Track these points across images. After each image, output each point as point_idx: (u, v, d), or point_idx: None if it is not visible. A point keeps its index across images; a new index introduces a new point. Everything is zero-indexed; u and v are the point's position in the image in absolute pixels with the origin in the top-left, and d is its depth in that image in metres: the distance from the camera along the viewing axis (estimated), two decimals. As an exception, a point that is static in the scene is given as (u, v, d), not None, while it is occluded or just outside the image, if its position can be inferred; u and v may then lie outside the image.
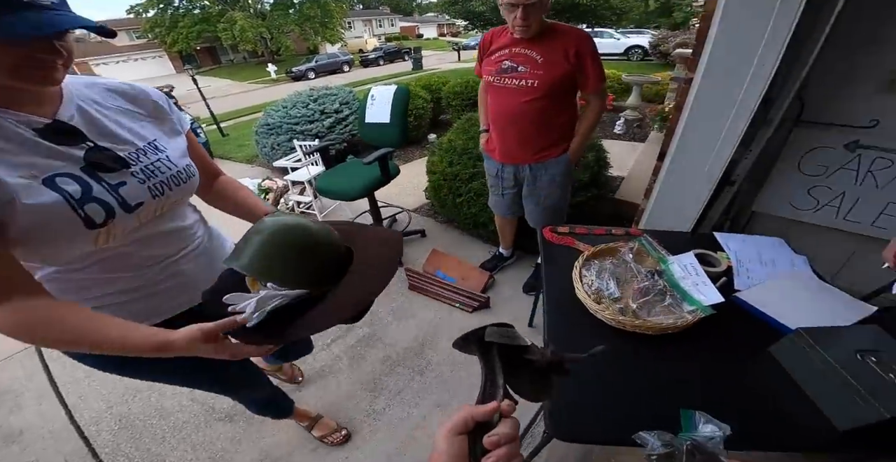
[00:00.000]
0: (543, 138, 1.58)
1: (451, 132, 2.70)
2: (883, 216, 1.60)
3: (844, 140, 1.56)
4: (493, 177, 1.83)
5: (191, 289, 0.80)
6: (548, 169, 1.66)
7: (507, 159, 1.69)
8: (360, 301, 0.62)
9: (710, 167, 1.47)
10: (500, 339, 0.44)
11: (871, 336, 0.74)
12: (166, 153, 0.72)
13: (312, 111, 4.01)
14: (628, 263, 1.08)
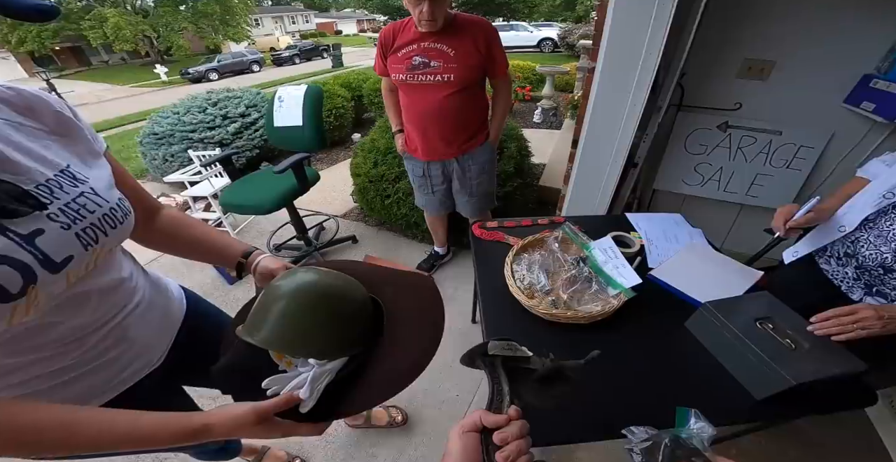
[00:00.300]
0: (466, 130, 1.58)
1: (373, 131, 2.60)
2: (754, 186, 1.88)
3: (717, 121, 1.80)
4: (419, 177, 1.78)
5: (144, 352, 0.67)
6: (475, 158, 1.66)
7: (434, 156, 1.65)
8: (416, 365, 0.57)
9: (616, 151, 1.58)
10: (503, 352, 0.48)
11: (765, 303, 0.84)
12: (89, 184, 0.53)
13: (212, 116, 3.57)
14: (555, 253, 1.10)
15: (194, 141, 3.43)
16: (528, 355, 0.50)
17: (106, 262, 0.59)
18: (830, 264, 0.97)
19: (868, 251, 0.86)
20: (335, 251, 2.64)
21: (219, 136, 3.51)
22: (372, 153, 2.45)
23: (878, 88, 1.41)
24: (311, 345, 0.55)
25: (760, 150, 1.79)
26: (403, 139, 1.71)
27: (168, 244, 0.76)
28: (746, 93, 1.71)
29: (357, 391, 0.56)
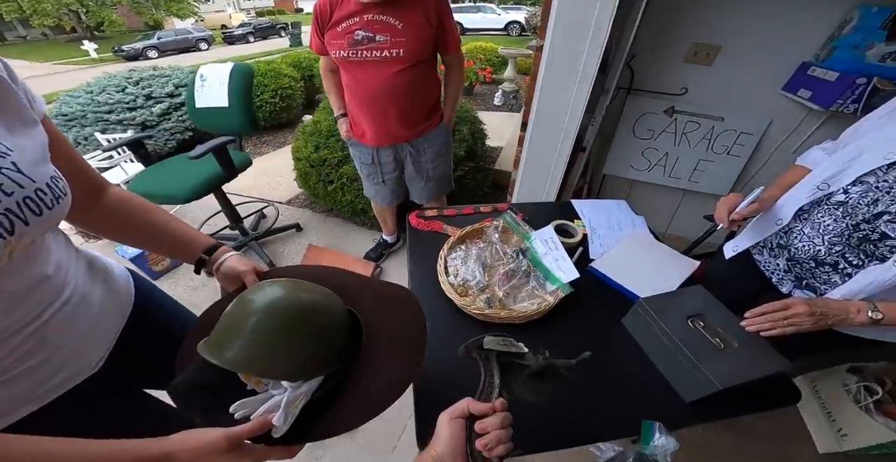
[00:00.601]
0: (419, 111, 1.46)
1: (317, 113, 2.42)
2: (696, 172, 1.90)
3: (664, 106, 1.78)
4: (367, 165, 1.63)
5: (75, 356, 0.57)
6: (430, 141, 1.55)
7: (384, 141, 1.51)
8: (398, 385, 0.53)
9: (565, 134, 1.52)
10: (498, 347, 0.52)
11: (698, 298, 0.81)
12: (10, 158, 0.43)
13: (133, 96, 3.19)
14: (494, 244, 1.02)
15: (111, 123, 3.06)
16: (523, 352, 0.53)
17: (26, 255, 0.48)
18: (763, 255, 0.96)
19: (801, 243, 0.84)
20: (276, 241, 2.45)
21: (141, 118, 3.15)
22: (314, 136, 2.28)
23: (815, 76, 1.43)
24: (286, 367, 0.50)
25: (703, 135, 1.80)
26: (348, 124, 1.55)
27: (116, 230, 0.66)
28: (693, 78, 1.70)
29: (334, 413, 0.53)
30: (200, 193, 1.84)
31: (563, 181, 1.67)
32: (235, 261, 0.70)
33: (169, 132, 3.27)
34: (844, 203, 0.77)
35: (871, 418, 1.20)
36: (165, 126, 3.26)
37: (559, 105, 1.45)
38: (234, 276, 0.70)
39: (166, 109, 3.29)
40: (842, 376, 1.34)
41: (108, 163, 2.47)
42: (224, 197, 2.14)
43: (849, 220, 0.75)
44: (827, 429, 1.33)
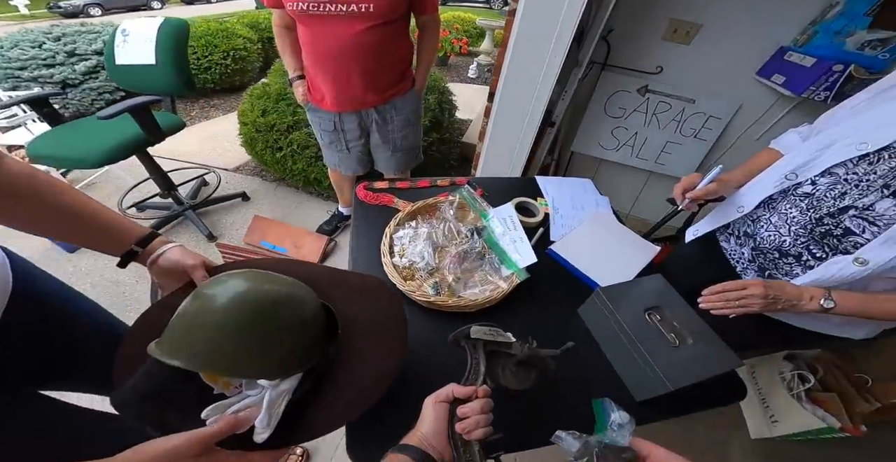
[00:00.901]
0: (388, 73, 1.31)
1: (269, 75, 2.23)
2: (663, 154, 1.86)
3: (638, 84, 1.71)
4: (329, 132, 1.46)
5: None
6: (398, 108, 1.41)
7: (347, 106, 1.34)
8: (386, 375, 0.53)
9: (534, 106, 1.43)
10: (485, 337, 0.56)
11: (657, 289, 0.75)
12: None
13: (51, 52, 2.84)
14: (448, 222, 0.91)
15: (24, 80, 2.74)
16: (510, 341, 0.57)
17: None
18: (730, 243, 0.93)
19: (767, 233, 0.80)
20: (219, 210, 2.23)
21: (61, 76, 2.83)
22: (262, 99, 2.10)
23: (791, 61, 1.38)
24: (262, 364, 0.46)
25: (673, 117, 1.76)
26: (305, 86, 1.37)
27: (10, 212, 0.51)
28: (669, 57, 1.63)
29: (317, 411, 0.50)
30: (116, 157, 1.61)
31: (529, 157, 1.59)
32: (179, 253, 0.60)
33: (96, 92, 2.99)
34: (811, 195, 0.73)
35: (800, 406, 1.25)
36: (91, 85, 2.97)
37: (530, 75, 1.35)
38: (177, 271, 0.60)
39: (93, 67, 2.98)
40: (778, 364, 1.39)
41: (9, 122, 2.16)
42: (151, 161, 1.92)
43: (812, 213, 0.72)
44: (760, 415, 1.38)
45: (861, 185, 0.66)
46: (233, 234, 2.07)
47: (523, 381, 0.57)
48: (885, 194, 0.63)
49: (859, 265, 0.62)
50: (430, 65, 1.46)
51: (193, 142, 2.84)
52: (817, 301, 0.67)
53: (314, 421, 0.49)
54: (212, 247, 1.98)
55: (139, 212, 2.14)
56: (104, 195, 2.26)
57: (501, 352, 0.58)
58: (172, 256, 0.59)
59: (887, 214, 0.62)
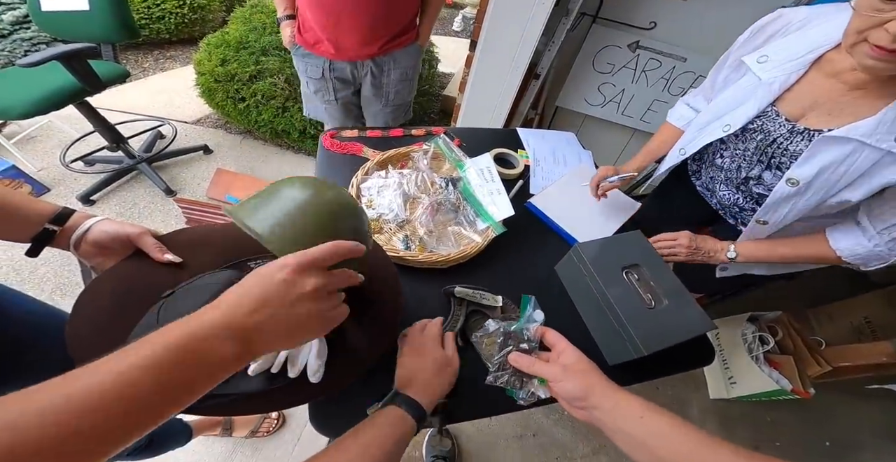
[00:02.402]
0: (394, 23, 1.19)
1: (230, 23, 2.03)
2: (648, 112, 1.80)
3: (629, 40, 1.60)
4: (316, 79, 1.33)
5: None
6: (397, 61, 1.30)
7: (342, 55, 1.22)
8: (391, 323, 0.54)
9: (518, 57, 1.34)
10: (468, 298, 0.64)
11: (637, 246, 0.72)
12: None
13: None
14: (422, 172, 0.84)
15: None
16: (493, 305, 0.65)
17: None
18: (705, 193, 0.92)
19: (721, 192, 0.84)
20: (178, 164, 2.07)
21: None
22: (220, 48, 1.91)
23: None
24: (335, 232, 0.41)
25: (662, 75, 1.68)
26: (294, 28, 1.22)
27: None
28: (664, 12, 1.52)
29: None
30: (44, 108, 1.47)
31: (512, 110, 1.50)
32: (115, 224, 0.51)
33: (28, 42, 2.62)
34: (721, 168, 0.81)
35: (759, 368, 1.31)
36: (23, 35, 2.60)
37: (514, 24, 1.26)
38: (115, 244, 0.51)
39: (24, 17, 2.59)
40: (741, 326, 1.43)
41: None
42: (93, 112, 1.73)
43: (730, 183, 0.81)
44: (720, 377, 1.45)
45: (748, 156, 0.73)
46: (194, 189, 1.94)
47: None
48: (763, 167, 0.71)
49: (792, 185, 0.64)
50: (435, 18, 1.33)
51: (147, 94, 2.60)
52: (724, 252, 0.78)
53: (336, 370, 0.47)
54: (170, 202, 1.85)
55: (87, 166, 1.95)
56: (46, 149, 2.04)
57: (482, 313, 0.64)
58: (108, 228, 0.50)
59: (774, 184, 0.68)
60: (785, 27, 0.66)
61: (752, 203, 0.78)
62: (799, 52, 0.62)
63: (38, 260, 1.55)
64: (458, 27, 4.47)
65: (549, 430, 1.32)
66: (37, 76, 1.49)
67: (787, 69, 0.63)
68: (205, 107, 2.27)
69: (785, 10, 0.68)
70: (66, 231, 0.49)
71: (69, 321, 0.45)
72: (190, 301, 0.43)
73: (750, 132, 0.70)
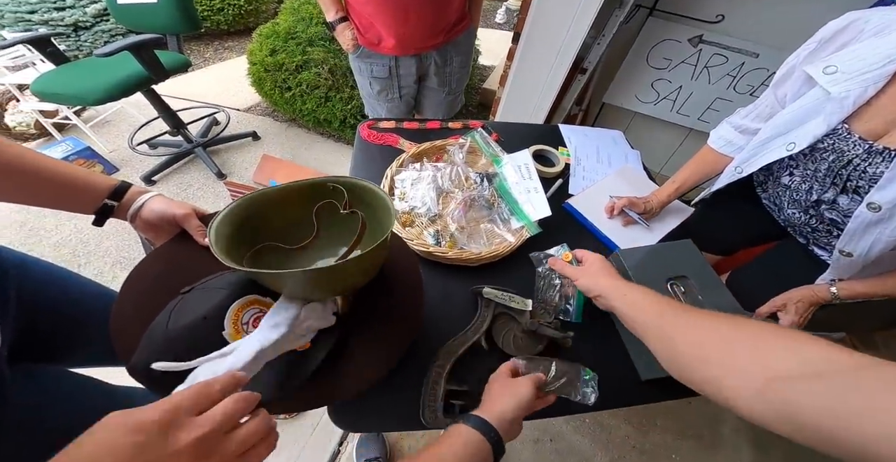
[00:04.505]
0: (453, 12, 1.18)
1: (280, 14, 2.08)
2: (709, 111, 1.67)
3: (691, 34, 1.49)
4: (383, 79, 1.30)
5: None
6: (458, 48, 1.30)
7: (409, 49, 1.20)
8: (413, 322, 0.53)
9: (563, 50, 1.28)
10: (496, 299, 0.62)
11: (685, 256, 0.67)
12: None
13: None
14: (457, 166, 0.83)
15: (35, 23, 2.59)
16: (522, 309, 0.61)
17: None
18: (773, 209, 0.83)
19: (790, 211, 0.75)
20: (229, 149, 2.19)
21: (72, 18, 2.65)
22: (271, 38, 1.98)
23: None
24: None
25: (728, 71, 1.54)
26: (353, 30, 1.19)
27: None
28: (733, 4, 1.39)
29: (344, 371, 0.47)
30: (116, 95, 1.60)
31: (554, 105, 1.44)
32: (164, 203, 0.53)
33: (108, 34, 2.84)
34: (788, 187, 0.72)
35: None
36: (103, 27, 2.81)
37: (561, 16, 1.19)
38: (164, 222, 0.53)
39: (104, 10, 2.79)
40: None
41: (13, 62, 2.12)
42: (158, 99, 1.87)
43: (798, 205, 0.72)
44: None
45: (819, 178, 0.65)
46: (242, 173, 2.04)
47: (523, 350, 0.60)
48: (837, 191, 0.63)
49: (873, 211, 0.55)
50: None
51: (206, 82, 2.78)
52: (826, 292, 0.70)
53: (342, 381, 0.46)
54: (220, 184, 1.96)
55: (151, 149, 2.11)
56: (117, 132, 2.24)
57: (510, 316, 0.62)
58: (156, 207, 0.53)
59: (851, 209, 0.60)
60: (859, 34, 0.57)
61: (826, 226, 0.70)
62: (875, 62, 0.53)
63: (102, 234, 1.70)
64: (501, 19, 4.37)
65: (567, 436, 1.28)
66: (111, 65, 1.62)
67: (861, 82, 0.54)
68: (255, 95, 2.38)
69: (856, 13, 0.59)
70: (124, 205, 0.52)
71: (117, 300, 0.48)
72: (198, 304, 0.42)
73: (820, 152, 0.62)
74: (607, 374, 0.59)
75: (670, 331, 0.42)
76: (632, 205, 0.83)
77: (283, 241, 0.51)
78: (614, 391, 0.59)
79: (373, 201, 0.49)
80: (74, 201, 0.50)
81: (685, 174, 0.85)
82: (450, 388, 0.55)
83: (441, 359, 0.57)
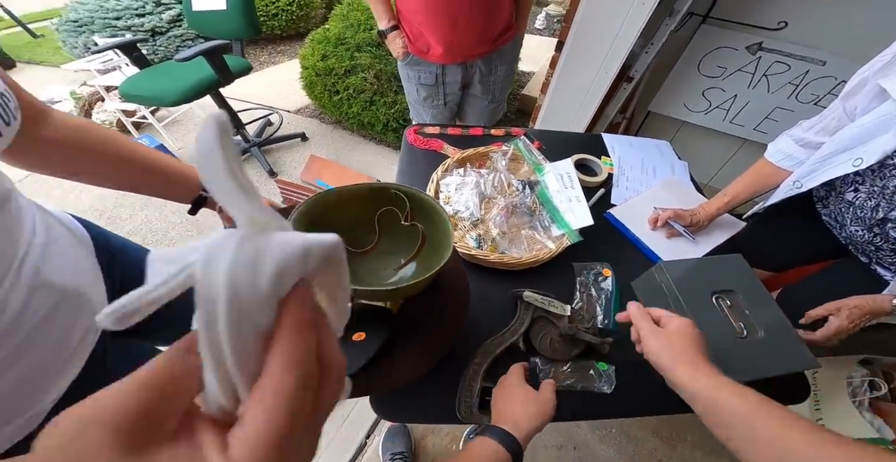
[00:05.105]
0: (501, 21, 1.20)
1: (330, 20, 2.20)
2: (767, 121, 1.59)
3: (749, 41, 1.43)
4: (429, 86, 1.34)
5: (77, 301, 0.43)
6: (503, 57, 1.31)
7: (456, 57, 1.24)
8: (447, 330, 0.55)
9: (609, 60, 1.27)
10: (535, 303, 0.64)
11: (734, 270, 0.65)
12: None
13: (142, 2, 2.97)
14: (499, 173, 0.85)
15: (119, 29, 2.90)
16: (560, 313, 0.63)
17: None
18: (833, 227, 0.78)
19: (852, 228, 0.70)
20: (280, 149, 2.34)
21: (150, 25, 2.96)
22: (322, 44, 2.10)
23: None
24: None
25: (790, 80, 1.46)
26: (404, 38, 1.25)
27: (69, 163, 0.49)
28: (798, 10, 1.31)
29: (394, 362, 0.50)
30: (192, 96, 1.75)
31: (597, 113, 1.42)
32: None
33: (179, 38, 3.13)
34: (852, 203, 0.69)
35: (859, 413, 1.11)
36: (176, 32, 3.10)
37: (607, 25, 1.18)
38: None
39: (177, 16, 3.09)
40: (850, 367, 1.23)
41: (104, 65, 2.35)
42: (223, 101, 2.03)
43: (862, 223, 0.69)
44: (807, 416, 1.26)
45: (887, 195, 0.62)
46: (291, 172, 2.16)
47: (559, 353, 0.61)
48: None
49: None
50: (530, 8, 1.31)
51: (260, 85, 2.97)
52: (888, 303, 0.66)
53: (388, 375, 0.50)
54: (271, 182, 2.09)
55: (213, 147, 2.30)
56: (185, 131, 2.45)
57: (549, 319, 0.64)
58: None
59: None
60: None
61: (891, 244, 0.66)
62: None
63: (168, 225, 1.87)
64: (541, 25, 4.36)
65: (592, 445, 1.26)
66: (186, 69, 1.78)
67: None
68: (304, 98, 2.52)
69: None
70: None
71: None
72: None
73: (889, 168, 0.59)
74: (638, 381, 0.60)
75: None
76: (677, 217, 0.81)
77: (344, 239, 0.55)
78: (644, 399, 0.60)
79: (433, 216, 0.52)
80: (178, 192, 0.58)
81: (738, 187, 0.82)
82: (486, 386, 0.57)
83: (479, 357, 0.59)
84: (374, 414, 1.16)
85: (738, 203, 0.82)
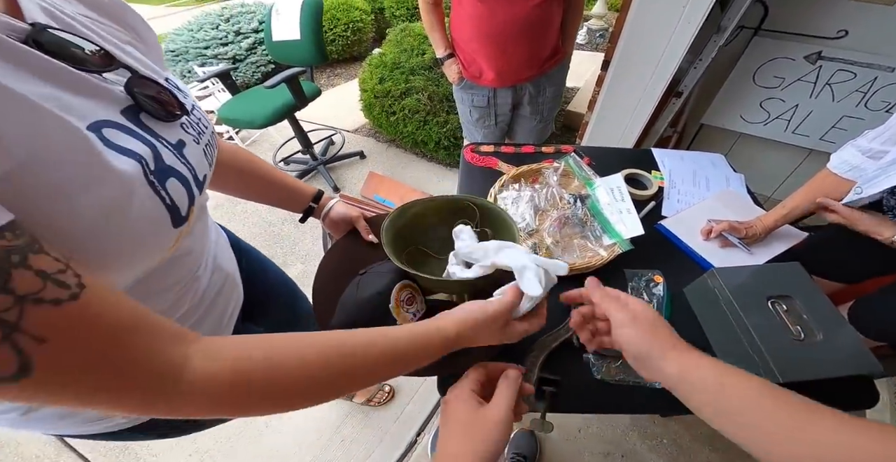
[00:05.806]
0: (548, 46, 1.31)
1: (384, 45, 2.40)
2: (834, 130, 1.52)
3: (807, 51, 1.42)
4: (482, 108, 1.46)
5: (233, 282, 0.59)
6: (552, 80, 1.43)
7: (507, 82, 1.36)
8: None
9: (656, 77, 1.30)
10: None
11: (791, 277, 0.66)
12: (191, 99, 0.44)
13: (224, 32, 3.40)
14: (551, 188, 0.93)
15: (208, 57, 3.34)
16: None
17: None
18: None
19: None
20: (342, 166, 2.56)
21: (231, 52, 3.38)
22: (379, 68, 2.29)
23: None
24: None
25: (858, 88, 1.41)
26: (459, 64, 1.38)
27: (233, 182, 0.64)
28: (859, 18, 1.29)
29: None
30: (275, 119, 1.99)
31: (646, 128, 1.45)
32: (344, 207, 0.73)
33: (255, 65, 3.50)
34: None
35: None
36: (252, 59, 3.48)
37: (654, 43, 1.22)
38: (341, 221, 0.72)
39: (252, 44, 3.48)
40: None
41: (204, 92, 2.75)
42: (297, 123, 2.27)
43: None
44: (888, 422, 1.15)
45: None
46: (352, 188, 2.36)
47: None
48: None
49: None
50: (577, 33, 1.41)
51: (320, 107, 3.23)
52: None
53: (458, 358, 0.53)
54: (336, 197, 2.29)
55: (285, 165, 2.56)
56: (262, 150, 2.75)
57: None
58: (340, 210, 0.72)
59: None
60: None
61: None
62: None
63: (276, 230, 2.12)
64: (583, 39, 4.34)
65: (641, 454, 1.23)
66: (269, 95, 2.03)
67: None
68: (361, 118, 2.75)
69: None
70: (321, 207, 0.73)
71: (315, 279, 0.67)
72: (372, 283, 0.58)
73: None
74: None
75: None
76: (732, 230, 0.82)
77: (424, 244, 0.65)
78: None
79: (500, 222, 0.60)
80: (292, 203, 0.71)
81: (798, 199, 0.82)
82: (542, 376, 0.64)
83: (536, 350, 0.66)
84: (425, 414, 1.26)
85: (797, 215, 0.82)
